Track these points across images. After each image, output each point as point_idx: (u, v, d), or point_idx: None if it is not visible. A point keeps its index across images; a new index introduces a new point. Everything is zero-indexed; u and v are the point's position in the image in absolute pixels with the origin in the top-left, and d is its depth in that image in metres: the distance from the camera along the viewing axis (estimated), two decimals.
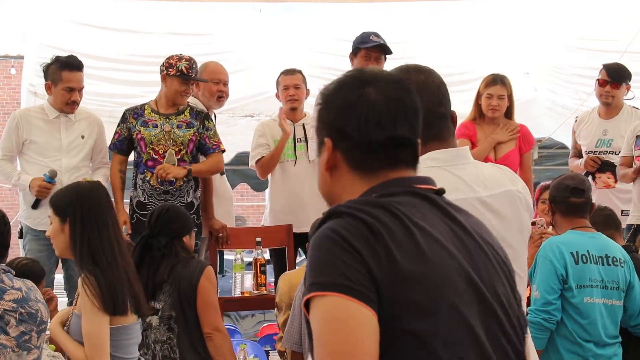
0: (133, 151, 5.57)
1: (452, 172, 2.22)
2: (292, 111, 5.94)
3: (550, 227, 5.05)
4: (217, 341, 4.25)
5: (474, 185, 2.22)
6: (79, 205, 3.42)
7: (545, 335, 4.08)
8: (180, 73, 5.43)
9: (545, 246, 4.23)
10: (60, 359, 4.02)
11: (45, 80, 5.52)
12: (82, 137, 5.50)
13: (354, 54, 5.68)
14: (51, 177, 5.31)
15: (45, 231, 5.36)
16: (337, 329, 1.49)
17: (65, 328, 3.49)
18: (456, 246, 1.64)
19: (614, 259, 4.20)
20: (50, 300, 4.62)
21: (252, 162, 5.93)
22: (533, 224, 5.18)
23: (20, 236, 5.57)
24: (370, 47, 5.56)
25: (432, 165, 2.17)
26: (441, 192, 1.72)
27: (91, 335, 3.30)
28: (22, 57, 9.84)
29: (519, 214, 2.27)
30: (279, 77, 6.02)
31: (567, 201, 4.25)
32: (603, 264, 4.15)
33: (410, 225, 1.59)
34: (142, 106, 5.57)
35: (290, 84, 5.93)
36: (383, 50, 5.58)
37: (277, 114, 6.03)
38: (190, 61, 5.49)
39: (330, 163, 1.73)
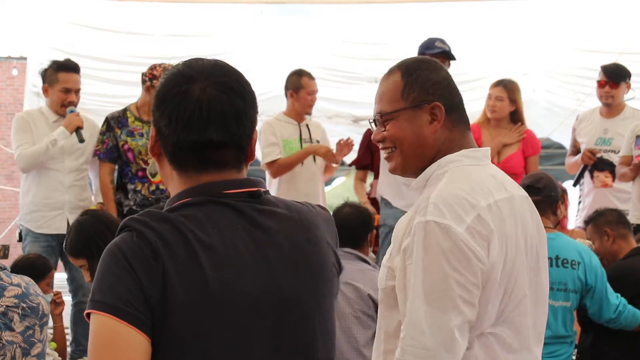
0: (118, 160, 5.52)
1: (487, 171, 2.12)
2: (306, 115, 5.99)
3: None
4: None
5: (504, 183, 2.12)
6: (97, 240, 3.42)
7: None
8: None
9: None
10: (53, 356, 4.05)
11: (43, 84, 5.53)
12: (81, 140, 5.53)
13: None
14: (72, 110, 5.38)
15: (46, 234, 5.42)
16: (103, 350, 1.53)
17: None
18: (252, 259, 1.62)
19: (565, 261, 4.25)
20: (58, 305, 4.65)
21: (266, 160, 5.84)
22: None
23: (20, 239, 5.60)
24: (434, 53, 5.41)
25: (470, 163, 2.12)
26: (257, 194, 1.69)
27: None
28: (24, 58, 9.88)
29: (536, 221, 2.18)
30: (301, 79, 5.95)
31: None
32: (551, 265, 4.16)
33: (195, 244, 1.58)
34: (124, 113, 5.53)
35: (315, 89, 5.95)
36: (447, 56, 5.48)
37: (278, 113, 6.06)
38: None
39: (155, 150, 1.72)
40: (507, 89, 5.84)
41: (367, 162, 5.92)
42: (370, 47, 8.93)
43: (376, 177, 5.93)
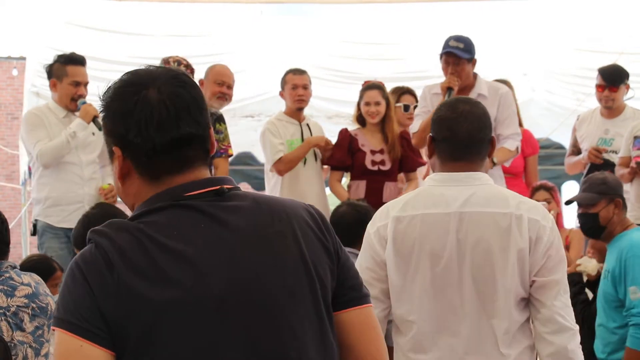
0: None
1: (440, 190, 2.74)
2: (298, 111, 5.97)
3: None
4: None
5: (451, 202, 2.71)
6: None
7: None
8: None
9: (635, 245, 4.11)
10: None
11: (50, 79, 5.51)
12: (93, 133, 5.49)
13: (440, 56, 5.36)
14: (84, 102, 5.42)
15: (65, 229, 5.42)
16: None
17: None
18: (217, 258, 1.61)
19: None
20: None
21: (275, 157, 5.76)
22: None
23: (33, 233, 5.59)
24: (441, 53, 5.31)
25: (430, 184, 2.80)
26: (221, 192, 1.69)
27: None
28: (24, 58, 9.89)
29: (502, 232, 2.67)
30: (286, 76, 5.95)
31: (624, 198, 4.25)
32: None
33: (153, 250, 1.58)
34: None
35: (300, 83, 5.88)
36: (455, 55, 5.24)
37: (279, 113, 6.07)
38: (188, 66, 5.53)
39: (123, 171, 1.70)
40: None
41: (348, 162, 5.90)
42: (370, 47, 8.94)
43: (353, 178, 5.92)
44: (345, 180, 6.17)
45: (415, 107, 5.86)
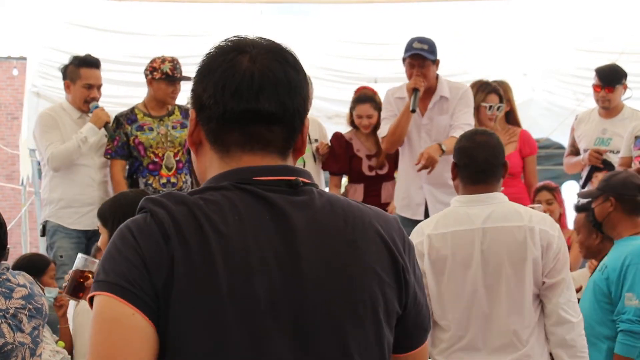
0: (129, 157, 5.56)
1: (465, 210, 3.23)
2: None
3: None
4: None
5: (475, 219, 3.19)
6: (117, 214, 3.43)
7: None
8: (166, 75, 5.47)
9: (638, 253, 4.05)
10: (62, 354, 4.07)
11: (64, 80, 5.56)
12: (106, 136, 5.52)
13: (403, 60, 5.31)
14: (96, 106, 5.46)
15: (77, 230, 5.44)
16: (102, 329, 1.38)
17: None
18: (275, 255, 1.44)
19: None
20: (60, 307, 4.69)
21: None
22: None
23: (43, 234, 5.60)
24: (407, 56, 5.25)
25: (455, 205, 3.27)
26: (295, 184, 1.50)
27: None
28: (24, 58, 9.90)
29: (519, 243, 3.16)
30: None
31: (636, 200, 4.17)
32: None
33: (208, 231, 1.41)
34: (132, 110, 5.58)
35: None
36: (420, 57, 5.21)
37: None
38: (174, 62, 5.52)
39: (194, 138, 1.55)
40: (502, 90, 5.85)
41: (346, 168, 5.87)
42: (370, 47, 8.93)
43: (350, 182, 5.90)
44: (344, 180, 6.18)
45: (498, 107, 5.76)
